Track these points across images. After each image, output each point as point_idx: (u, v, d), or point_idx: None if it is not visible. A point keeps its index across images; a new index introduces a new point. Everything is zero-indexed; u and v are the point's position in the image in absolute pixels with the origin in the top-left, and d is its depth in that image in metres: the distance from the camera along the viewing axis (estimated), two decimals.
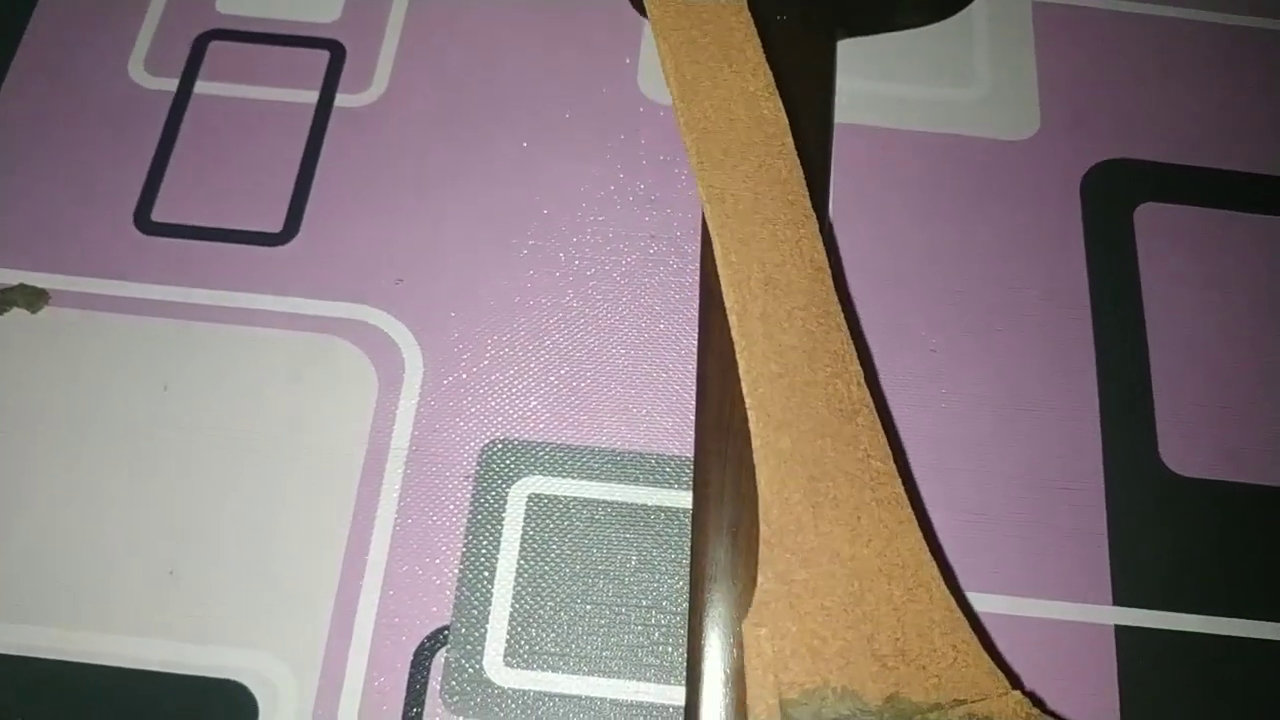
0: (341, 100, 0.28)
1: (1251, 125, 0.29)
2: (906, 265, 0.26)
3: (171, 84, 0.28)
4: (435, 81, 0.28)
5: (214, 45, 0.28)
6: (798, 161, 0.21)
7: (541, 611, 0.23)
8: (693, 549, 0.23)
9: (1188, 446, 0.25)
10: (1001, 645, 0.23)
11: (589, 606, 0.23)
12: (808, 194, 0.21)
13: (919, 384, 0.25)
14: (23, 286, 0.25)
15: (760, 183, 0.21)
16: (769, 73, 0.22)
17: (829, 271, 0.20)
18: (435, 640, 0.22)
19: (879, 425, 0.20)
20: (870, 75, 0.29)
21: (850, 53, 0.29)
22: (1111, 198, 0.28)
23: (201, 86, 0.28)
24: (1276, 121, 0.29)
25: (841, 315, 0.20)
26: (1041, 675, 0.22)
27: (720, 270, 0.20)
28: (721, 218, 0.21)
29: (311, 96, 0.28)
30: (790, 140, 0.21)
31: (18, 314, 0.25)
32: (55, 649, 0.22)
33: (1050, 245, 0.27)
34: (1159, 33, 0.30)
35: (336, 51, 0.28)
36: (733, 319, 0.20)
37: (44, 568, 0.23)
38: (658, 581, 0.23)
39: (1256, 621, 0.23)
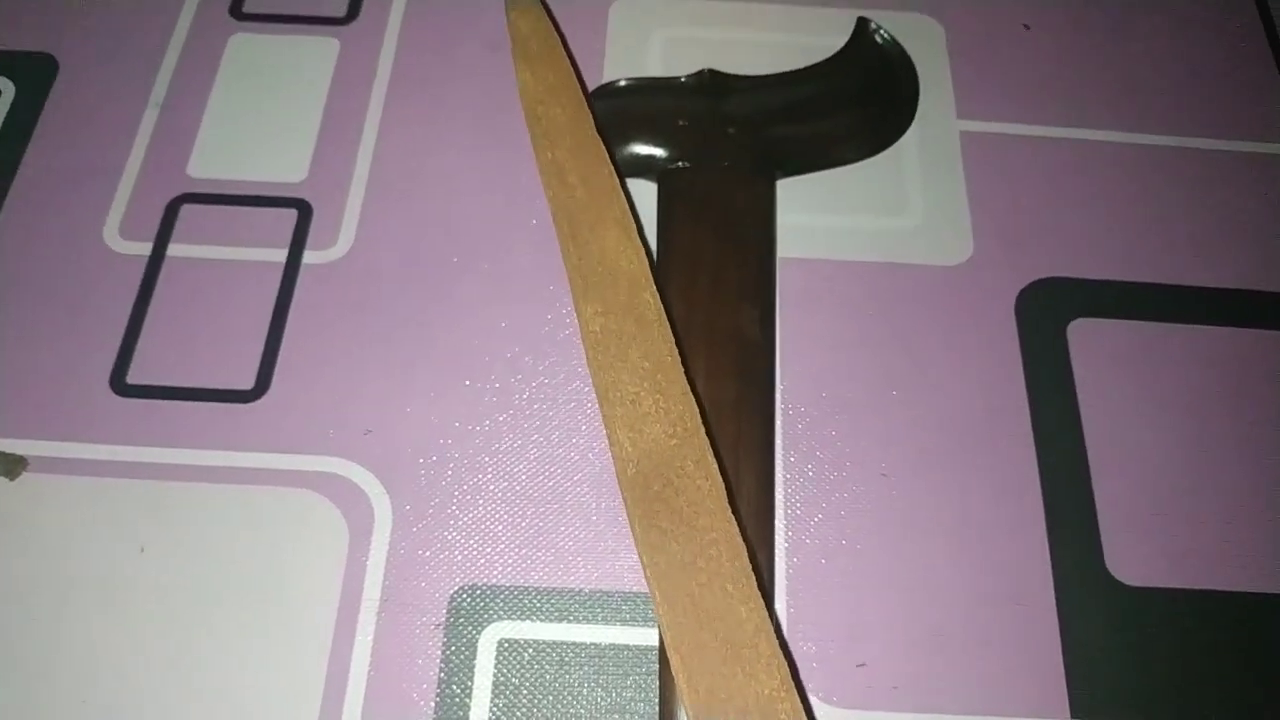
0: (309, 257, 0.29)
1: (1174, 239, 0.30)
2: (853, 391, 0.28)
3: (145, 248, 0.29)
4: (398, 234, 0.30)
5: (186, 209, 0.30)
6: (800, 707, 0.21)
7: None
8: (660, 687, 0.23)
9: (1133, 556, 0.26)
10: None
11: None
12: None
13: (872, 508, 0.26)
14: (1, 454, 0.26)
15: None
16: (784, 666, 0.22)
17: None
18: None
19: None
20: (809, 210, 0.30)
21: (789, 191, 0.31)
22: (1044, 316, 0.29)
23: (174, 249, 0.29)
24: (1198, 235, 0.31)
25: None
26: None
27: None
28: None
29: (280, 255, 0.29)
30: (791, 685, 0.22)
31: None
32: None
33: (989, 365, 0.28)
34: (1082, 155, 0.32)
35: (304, 210, 0.30)
36: None
37: None
38: None
39: None
